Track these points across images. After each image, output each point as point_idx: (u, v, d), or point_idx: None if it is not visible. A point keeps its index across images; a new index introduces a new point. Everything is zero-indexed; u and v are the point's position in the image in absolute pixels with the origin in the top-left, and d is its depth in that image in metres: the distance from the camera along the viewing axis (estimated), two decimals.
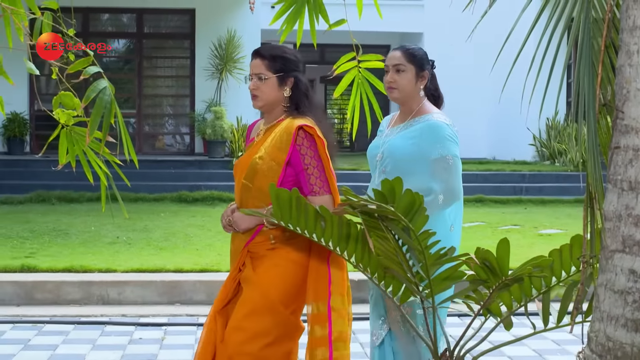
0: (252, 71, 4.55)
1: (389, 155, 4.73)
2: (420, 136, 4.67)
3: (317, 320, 4.39)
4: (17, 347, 7.33)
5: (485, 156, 23.57)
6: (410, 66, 4.77)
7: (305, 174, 4.42)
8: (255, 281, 4.40)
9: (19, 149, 19.84)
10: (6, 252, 10.61)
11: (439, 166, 4.60)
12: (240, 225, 4.49)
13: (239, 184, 4.56)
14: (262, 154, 4.46)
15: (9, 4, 4.01)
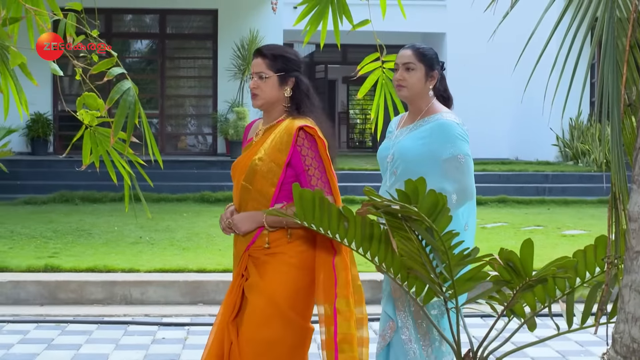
0: (253, 70, 4.51)
1: (399, 156, 4.68)
2: (430, 136, 4.62)
3: (329, 322, 4.33)
4: (41, 347, 7.36)
5: (508, 156, 23.50)
6: (420, 65, 4.73)
7: (306, 175, 4.36)
8: (262, 289, 4.33)
9: (43, 149, 19.93)
10: (30, 252, 10.66)
11: (451, 166, 4.55)
12: (241, 227, 4.42)
13: (237, 186, 4.50)
14: (261, 155, 4.41)
15: (32, 5, 4.03)
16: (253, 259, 4.41)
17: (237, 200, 4.51)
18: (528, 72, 3.84)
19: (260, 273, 4.35)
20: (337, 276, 4.32)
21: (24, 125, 19.44)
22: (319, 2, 4.75)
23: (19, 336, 7.72)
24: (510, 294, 3.81)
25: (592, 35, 3.54)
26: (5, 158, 17.00)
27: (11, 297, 8.99)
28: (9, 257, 10.22)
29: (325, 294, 4.33)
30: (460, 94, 22.27)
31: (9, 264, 9.67)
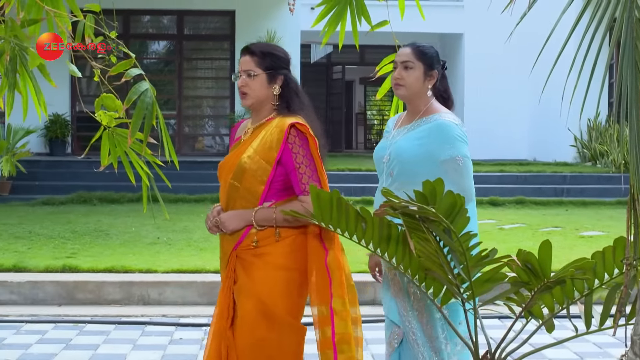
0: (241, 68, 4.41)
1: (395, 157, 4.57)
2: (428, 137, 4.51)
3: (320, 324, 4.29)
4: (59, 347, 7.38)
5: (526, 157, 23.45)
6: (419, 64, 4.62)
7: (297, 173, 4.30)
8: (252, 292, 4.26)
9: (61, 150, 20.01)
10: (48, 253, 10.71)
11: (449, 167, 4.42)
12: (228, 226, 4.34)
13: (225, 185, 4.42)
14: (250, 153, 4.33)
15: (52, 7, 4.04)
16: (241, 260, 4.34)
17: (224, 199, 4.45)
18: (546, 72, 3.82)
19: (249, 275, 4.29)
20: (332, 276, 4.27)
21: (42, 126, 19.52)
22: (337, 3, 4.75)
23: (37, 336, 7.75)
24: (528, 296, 3.80)
25: (611, 36, 3.53)
26: (24, 159, 17.09)
27: (29, 297, 9.03)
28: (27, 257, 10.27)
29: (319, 295, 4.27)
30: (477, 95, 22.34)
31: (28, 264, 9.71)
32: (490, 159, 21.88)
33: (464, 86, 23.62)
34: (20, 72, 3.91)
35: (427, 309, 4.34)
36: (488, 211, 15.70)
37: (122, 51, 4.82)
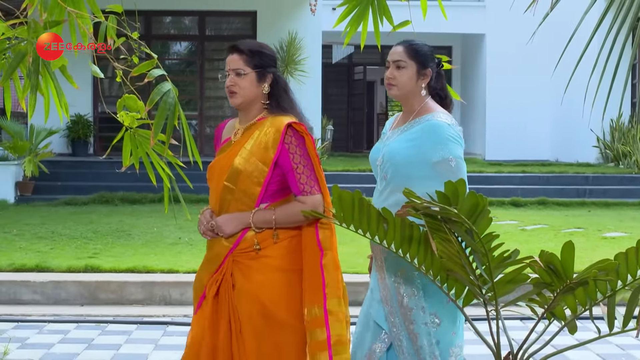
0: (229, 67, 4.33)
1: (388, 159, 4.47)
2: (420, 138, 4.40)
3: (317, 324, 4.23)
4: (81, 346, 7.41)
5: (548, 158, 23.36)
6: (411, 62, 4.50)
7: (294, 174, 4.23)
8: (254, 297, 4.17)
9: (83, 150, 20.10)
10: (70, 253, 10.76)
11: (442, 169, 4.31)
12: (226, 229, 4.24)
13: (217, 187, 4.32)
14: (245, 154, 4.25)
15: (74, 8, 4.05)
16: (238, 264, 4.24)
17: (216, 202, 4.34)
18: (568, 72, 3.81)
19: (249, 279, 4.21)
20: (325, 276, 4.23)
21: (64, 127, 19.61)
22: (359, 3, 4.73)
23: (60, 336, 7.78)
24: (550, 297, 3.79)
25: (634, 36, 3.51)
26: (47, 159, 17.17)
27: (52, 297, 9.07)
28: (50, 257, 10.32)
29: (311, 295, 4.22)
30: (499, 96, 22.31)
31: (50, 264, 9.77)
32: (513, 160, 21.82)
33: (485, 87, 23.56)
34: (43, 74, 3.93)
35: (414, 316, 4.26)
36: (510, 212, 15.66)
37: (144, 52, 4.84)
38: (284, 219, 4.22)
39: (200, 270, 4.41)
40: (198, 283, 4.39)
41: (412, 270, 4.22)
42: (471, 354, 7.13)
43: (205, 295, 4.30)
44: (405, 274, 4.26)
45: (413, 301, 4.25)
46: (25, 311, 8.71)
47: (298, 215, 4.22)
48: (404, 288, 4.27)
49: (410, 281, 4.26)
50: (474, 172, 18.79)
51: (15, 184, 16.74)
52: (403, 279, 4.27)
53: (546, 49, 20.28)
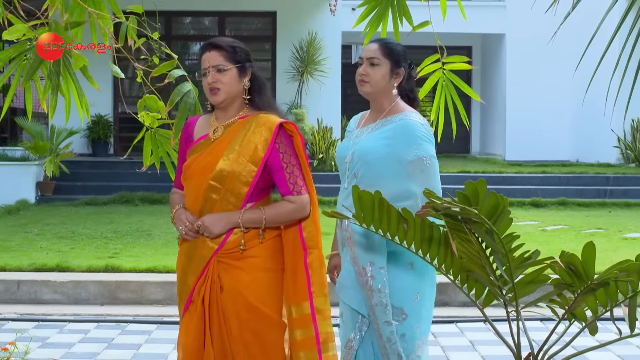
0: (209, 64, 4.21)
1: (360, 158, 4.44)
2: (393, 136, 4.40)
3: (299, 323, 4.24)
4: (101, 346, 7.44)
5: (568, 158, 23.28)
6: (385, 61, 4.48)
7: (284, 173, 4.22)
8: (244, 298, 4.15)
9: (103, 150, 20.17)
10: (91, 253, 10.79)
11: (416, 168, 4.33)
12: (214, 230, 4.15)
13: (199, 186, 4.20)
14: (233, 154, 4.18)
15: (95, 8, 4.07)
16: (223, 266, 4.19)
17: (196, 201, 4.23)
18: (589, 72, 3.79)
19: (236, 280, 4.17)
20: (311, 275, 4.25)
21: (85, 127, 19.67)
22: (379, 4, 4.73)
23: (80, 335, 7.81)
24: (571, 298, 3.77)
25: None
26: (67, 159, 17.24)
27: (72, 297, 9.11)
28: (70, 257, 10.36)
29: (295, 294, 4.24)
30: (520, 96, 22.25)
31: (71, 264, 9.80)
32: (533, 160, 21.76)
33: (505, 87, 23.50)
34: (63, 74, 3.94)
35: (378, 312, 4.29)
36: (530, 212, 15.62)
37: (165, 52, 4.85)
38: (273, 218, 4.21)
39: (183, 273, 4.31)
40: (183, 286, 4.31)
41: (380, 265, 4.28)
42: (491, 355, 7.12)
43: (192, 299, 4.26)
44: (373, 268, 4.29)
45: (379, 297, 4.28)
46: (46, 311, 8.74)
47: (287, 214, 4.24)
48: (373, 282, 4.29)
49: (377, 277, 4.29)
50: (493, 173, 18.76)
51: (36, 184, 16.82)
52: (370, 273, 4.29)
53: (567, 49, 20.22)
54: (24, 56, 4.05)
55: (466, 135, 25.89)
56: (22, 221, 13.82)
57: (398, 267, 4.35)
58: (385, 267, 4.29)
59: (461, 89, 5.04)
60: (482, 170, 18.97)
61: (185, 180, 4.29)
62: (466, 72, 21.67)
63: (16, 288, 9.16)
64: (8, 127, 24.74)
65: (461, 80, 5.10)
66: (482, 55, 25.79)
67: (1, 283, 9.18)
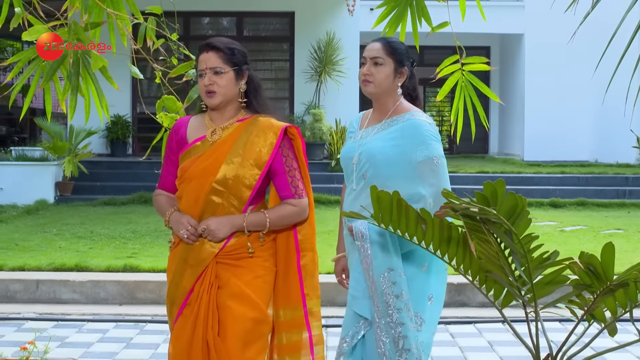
0: (206, 65, 4.15)
1: (368, 159, 4.40)
2: (402, 137, 4.35)
3: (285, 327, 4.26)
4: (120, 346, 7.45)
5: (587, 159, 23.19)
6: (389, 60, 4.44)
7: (286, 177, 4.20)
8: (246, 296, 4.10)
9: (122, 151, 20.23)
10: (109, 252, 10.82)
11: (426, 168, 4.29)
12: (219, 234, 4.10)
13: (201, 189, 4.13)
14: (238, 157, 4.14)
15: (114, 9, 4.08)
16: (222, 265, 4.15)
17: (198, 205, 4.16)
18: (608, 72, 3.77)
19: (239, 277, 4.13)
20: (304, 277, 4.26)
21: (103, 127, 19.74)
22: (398, 4, 4.71)
23: (99, 335, 7.83)
24: (590, 299, 3.76)
25: None
26: (86, 159, 17.30)
27: (91, 297, 9.14)
28: (89, 257, 10.39)
29: (286, 297, 4.25)
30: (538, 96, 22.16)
31: (89, 264, 9.83)
32: (551, 160, 21.70)
33: (524, 87, 23.43)
34: (83, 75, 3.96)
35: (402, 319, 4.23)
36: (549, 213, 15.57)
37: (183, 53, 4.86)
38: (277, 221, 4.20)
39: (177, 276, 4.24)
40: (177, 290, 4.24)
41: (398, 270, 4.24)
42: (510, 356, 7.10)
43: (188, 301, 4.19)
44: (392, 274, 4.25)
45: (401, 302, 4.24)
46: (65, 310, 8.77)
47: (290, 217, 4.23)
48: (393, 288, 4.24)
49: (398, 282, 4.25)
50: (512, 173, 18.72)
51: (55, 184, 16.89)
52: (391, 280, 4.25)
53: (586, 49, 20.14)
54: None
55: (484, 135, 25.84)
56: (41, 221, 13.87)
57: (412, 271, 4.32)
58: (403, 272, 4.27)
59: (480, 90, 5.02)
60: (501, 171, 18.93)
61: (183, 182, 4.22)
62: (484, 72, 21.62)
63: (35, 288, 9.19)
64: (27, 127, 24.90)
65: (480, 81, 5.07)
66: (500, 55, 25.73)
67: (20, 283, 9.23)
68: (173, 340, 4.23)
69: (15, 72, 4.40)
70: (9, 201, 16.36)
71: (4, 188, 16.71)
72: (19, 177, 16.74)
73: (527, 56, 23.47)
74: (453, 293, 8.93)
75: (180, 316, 4.21)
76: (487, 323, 8.33)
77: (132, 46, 4.49)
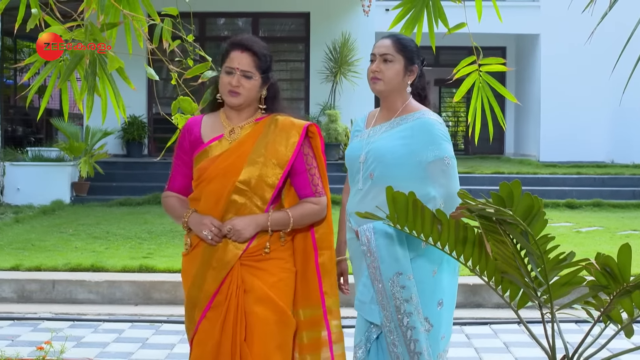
0: (238, 66, 4.12)
1: (375, 158, 4.30)
2: (411, 136, 4.26)
3: (306, 326, 4.24)
4: (136, 346, 7.47)
5: (604, 159, 23.10)
6: (399, 57, 4.35)
7: (307, 175, 4.17)
8: (271, 300, 4.06)
9: (137, 151, 20.27)
10: (125, 253, 10.85)
11: (437, 169, 4.21)
12: (245, 234, 4.04)
13: (224, 189, 4.08)
14: (259, 155, 4.10)
15: (130, 10, 4.09)
16: (246, 268, 4.09)
17: (220, 205, 4.10)
18: (626, 72, 3.76)
19: (263, 281, 4.08)
20: (322, 276, 4.24)
21: (119, 128, 19.78)
22: (414, 5, 4.69)
23: (115, 335, 7.85)
24: (606, 300, 3.74)
25: None
26: (102, 160, 17.35)
27: (107, 297, 9.16)
28: (104, 257, 10.42)
29: (307, 296, 4.24)
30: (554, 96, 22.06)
31: (105, 264, 9.86)
32: (567, 161, 21.63)
33: (540, 87, 23.35)
34: (100, 75, 3.97)
35: (413, 322, 4.20)
36: (565, 214, 15.53)
37: (198, 54, 4.86)
38: (300, 220, 4.17)
39: (199, 279, 4.15)
40: (201, 293, 4.14)
41: (407, 273, 4.20)
42: (525, 357, 7.08)
43: (212, 305, 4.11)
44: (401, 278, 4.20)
45: (411, 306, 4.20)
46: (81, 310, 8.80)
47: (311, 216, 4.21)
48: (403, 292, 4.20)
49: (407, 286, 4.20)
50: (528, 174, 18.67)
51: (71, 184, 16.94)
52: (400, 284, 4.20)
53: (603, 50, 20.05)
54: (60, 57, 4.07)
55: (500, 136, 25.78)
56: (57, 221, 13.92)
57: (421, 275, 4.28)
58: (412, 275, 4.23)
59: (498, 90, 4.99)
60: (517, 172, 18.89)
61: (201, 183, 4.16)
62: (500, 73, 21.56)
63: (51, 288, 9.23)
64: (43, 128, 24.99)
65: (497, 82, 5.05)
66: (516, 55, 25.66)
67: (37, 283, 9.26)
68: (197, 343, 4.14)
69: (32, 73, 4.41)
70: (25, 201, 16.42)
71: (20, 188, 16.77)
72: (36, 177, 16.81)
73: (543, 57, 23.39)
74: (468, 294, 8.92)
75: (204, 319, 4.12)
76: (503, 324, 8.32)
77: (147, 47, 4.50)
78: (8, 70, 24.77)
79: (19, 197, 16.65)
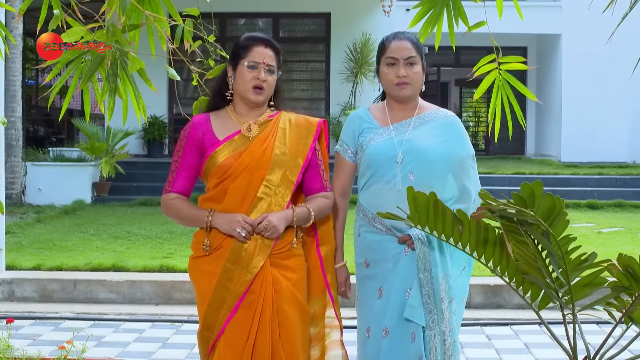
0: (265, 61, 4.13)
1: (416, 156, 4.19)
2: (445, 134, 4.24)
3: (317, 316, 4.29)
4: (156, 345, 7.49)
5: (625, 160, 22.99)
6: (419, 58, 4.30)
7: (319, 170, 4.22)
8: (296, 298, 4.06)
9: (158, 151, 20.33)
10: (146, 253, 10.89)
11: (468, 166, 4.23)
12: (280, 228, 4.01)
13: (250, 185, 4.05)
14: (283, 151, 4.10)
15: (152, 11, 4.10)
16: (274, 265, 4.06)
17: (247, 201, 4.06)
18: None
19: (288, 279, 4.07)
20: (325, 268, 4.28)
21: (140, 128, 19.84)
22: (434, 5, 4.68)
23: (135, 334, 7.88)
24: (628, 301, 3.73)
25: None
26: (122, 160, 17.41)
27: (128, 296, 9.19)
28: (125, 257, 10.46)
29: (315, 288, 4.28)
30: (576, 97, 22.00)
31: (126, 264, 9.90)
32: (589, 162, 21.55)
33: (561, 87, 23.27)
34: (121, 76, 3.97)
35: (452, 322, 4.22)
36: (586, 214, 15.47)
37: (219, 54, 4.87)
38: (318, 214, 4.20)
39: (225, 279, 4.03)
40: (229, 293, 4.03)
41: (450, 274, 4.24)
42: (546, 358, 7.06)
43: (241, 305, 4.02)
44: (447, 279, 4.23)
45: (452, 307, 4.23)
46: (102, 310, 8.84)
47: (326, 210, 4.26)
48: (448, 293, 4.22)
49: (450, 287, 4.24)
50: (549, 174, 18.61)
51: (92, 184, 17.01)
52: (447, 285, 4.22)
53: (625, 49, 19.96)
54: (82, 58, 4.09)
55: (521, 136, 25.71)
56: (78, 221, 13.98)
57: (455, 273, 4.31)
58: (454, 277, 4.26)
59: (518, 89, 4.97)
60: (538, 172, 18.83)
61: (225, 180, 4.11)
62: (521, 73, 21.52)
63: (72, 287, 9.27)
64: (65, 128, 25.10)
65: (517, 81, 5.03)
66: (537, 55, 25.57)
67: (58, 282, 9.31)
68: (227, 344, 4.01)
69: (54, 74, 4.42)
70: (46, 201, 16.51)
71: (42, 188, 16.86)
72: (57, 177, 16.89)
73: (564, 57, 23.31)
74: (489, 295, 8.90)
75: (232, 320, 4.01)
76: (524, 325, 8.30)
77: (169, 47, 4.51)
78: (30, 71, 24.88)
79: (41, 197, 16.74)
